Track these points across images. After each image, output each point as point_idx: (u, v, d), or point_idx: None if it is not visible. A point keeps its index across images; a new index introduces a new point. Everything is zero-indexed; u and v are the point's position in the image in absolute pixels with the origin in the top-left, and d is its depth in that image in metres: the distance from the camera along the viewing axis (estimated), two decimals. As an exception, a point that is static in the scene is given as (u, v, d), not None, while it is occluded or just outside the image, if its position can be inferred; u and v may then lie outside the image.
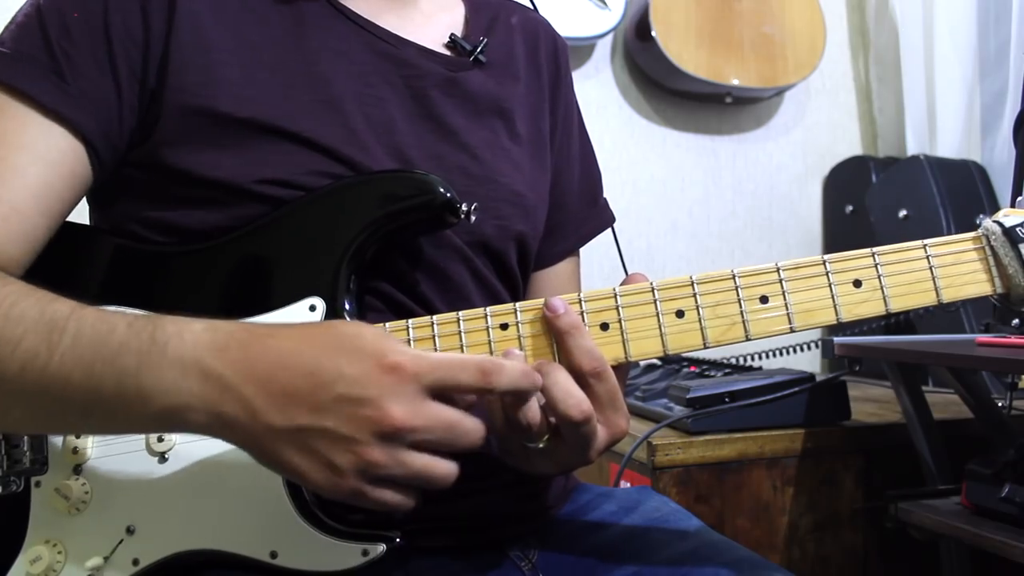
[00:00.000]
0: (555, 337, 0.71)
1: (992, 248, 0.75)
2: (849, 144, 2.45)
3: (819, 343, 1.92)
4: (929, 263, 0.74)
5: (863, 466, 1.46)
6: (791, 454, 1.43)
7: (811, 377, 1.45)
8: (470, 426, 0.63)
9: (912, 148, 2.26)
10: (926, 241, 0.75)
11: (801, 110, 2.41)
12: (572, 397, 0.68)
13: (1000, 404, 1.41)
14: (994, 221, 0.76)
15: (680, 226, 2.29)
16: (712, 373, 1.59)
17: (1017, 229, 0.74)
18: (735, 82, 2.14)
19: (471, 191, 0.83)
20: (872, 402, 1.70)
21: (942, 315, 1.77)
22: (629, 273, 0.77)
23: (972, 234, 0.76)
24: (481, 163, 0.89)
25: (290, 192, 0.79)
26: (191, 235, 0.80)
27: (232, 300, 0.79)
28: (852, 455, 1.46)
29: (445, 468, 0.64)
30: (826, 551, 1.45)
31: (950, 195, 1.97)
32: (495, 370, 0.63)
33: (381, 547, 0.74)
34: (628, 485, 1.34)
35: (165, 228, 0.80)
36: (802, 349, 1.90)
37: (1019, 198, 0.80)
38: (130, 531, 0.75)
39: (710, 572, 0.81)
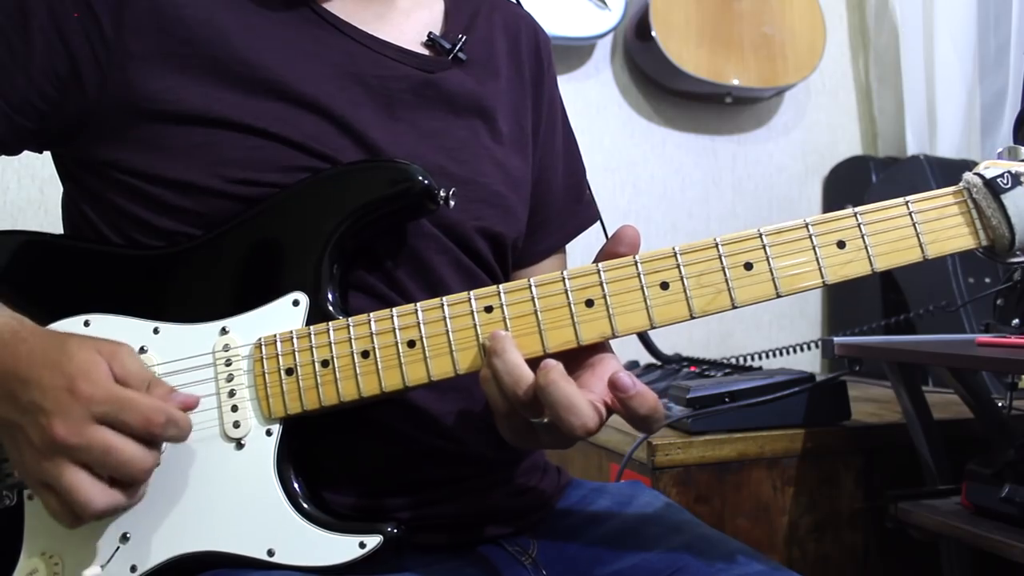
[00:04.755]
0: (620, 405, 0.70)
1: (974, 200, 0.74)
2: (849, 144, 2.44)
3: (819, 343, 1.92)
4: (912, 219, 0.73)
5: (863, 466, 1.46)
6: (791, 454, 1.43)
7: (811, 377, 1.45)
8: (129, 455, 0.68)
9: (912, 148, 2.26)
10: (908, 198, 0.74)
11: (801, 110, 2.41)
12: (576, 415, 0.68)
13: (1000, 404, 1.41)
14: (975, 173, 0.75)
15: (680, 226, 2.29)
16: (712, 373, 1.59)
17: (998, 180, 0.73)
18: (735, 82, 2.14)
19: (458, 195, 0.83)
20: (872, 402, 1.70)
21: (942, 315, 1.77)
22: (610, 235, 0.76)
23: (954, 188, 0.75)
24: (460, 163, 0.88)
25: (262, 190, 0.80)
26: (172, 236, 0.81)
27: (217, 299, 0.79)
28: (852, 455, 1.46)
29: (131, 453, 0.68)
30: (826, 551, 1.45)
31: (950, 195, 1.96)
32: (162, 421, 0.68)
33: (378, 538, 0.74)
34: (628, 485, 1.34)
35: (150, 231, 0.81)
36: (802, 349, 1.90)
37: (999, 150, 0.79)
38: (125, 538, 0.75)
39: (706, 563, 0.82)
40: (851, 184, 2.30)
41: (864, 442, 1.47)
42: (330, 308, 0.78)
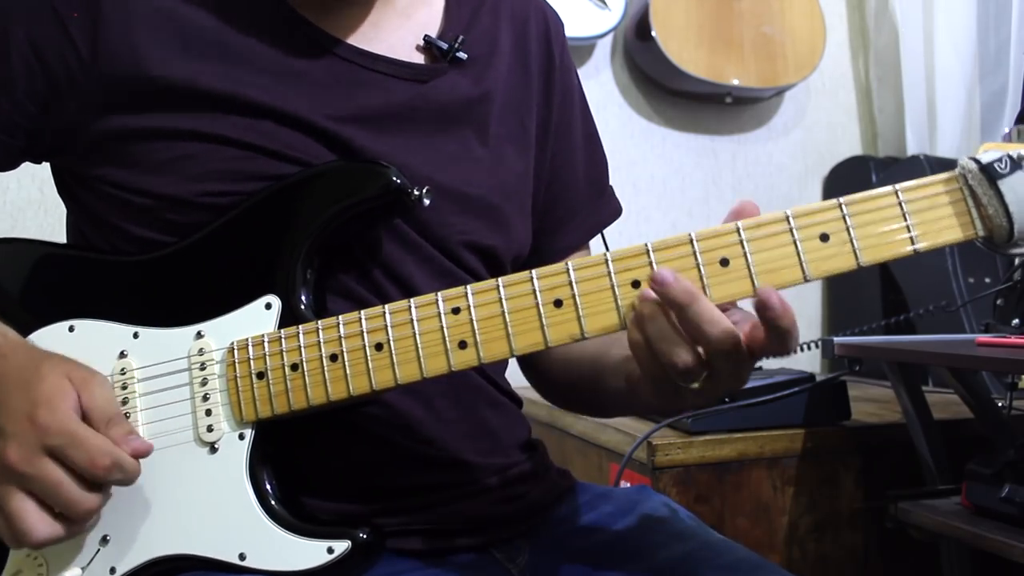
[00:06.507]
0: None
1: (970, 187, 0.67)
2: (849, 144, 2.44)
3: (819, 343, 1.92)
4: (902, 209, 0.67)
5: (863, 466, 1.46)
6: (791, 454, 1.43)
7: (811, 377, 1.45)
8: (73, 495, 0.69)
9: (912, 148, 2.26)
10: (898, 186, 0.68)
11: (801, 110, 2.41)
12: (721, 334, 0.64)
13: (1000, 404, 1.41)
14: (971, 158, 0.67)
15: (680, 226, 2.28)
16: (712, 373, 1.58)
17: (995, 165, 0.66)
18: (735, 82, 2.14)
19: (437, 205, 0.81)
20: (872, 402, 1.70)
21: (942, 315, 1.77)
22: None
23: (947, 174, 0.68)
24: (450, 176, 0.86)
25: (236, 199, 0.80)
26: (149, 243, 0.81)
27: (194, 303, 0.79)
28: (852, 455, 1.46)
29: (74, 493, 0.69)
30: (826, 551, 1.45)
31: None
32: (108, 465, 0.69)
33: (346, 544, 0.73)
34: (628, 485, 1.34)
35: (141, 244, 0.81)
36: (802, 349, 1.90)
37: (1006, 129, 0.72)
38: (105, 541, 0.76)
39: (706, 575, 0.81)
40: (851, 184, 2.30)
41: (864, 442, 1.47)
42: (303, 311, 0.77)
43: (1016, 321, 1.26)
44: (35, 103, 0.81)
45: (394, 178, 0.78)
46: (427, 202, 0.79)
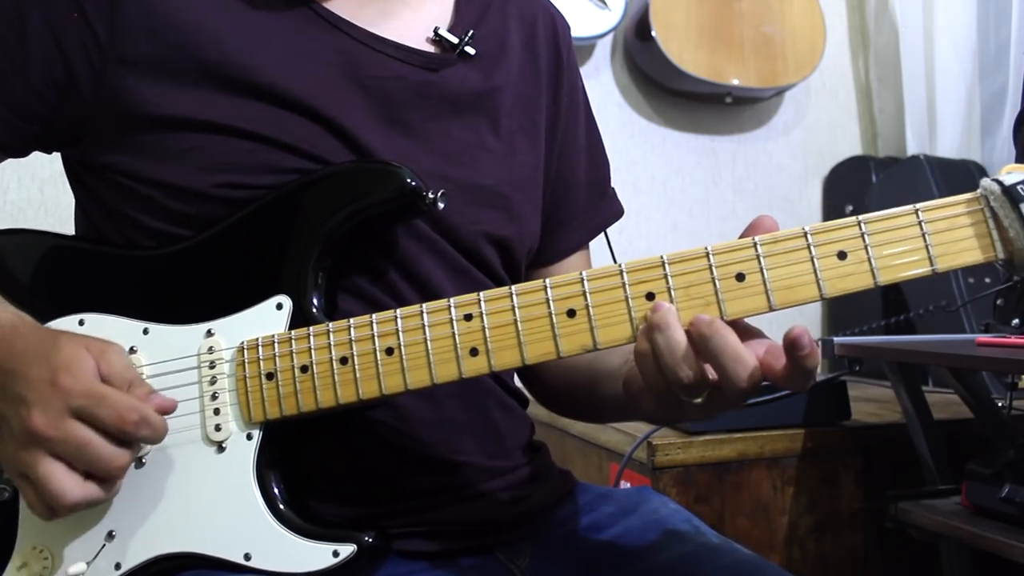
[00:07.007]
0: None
1: (991, 209, 0.66)
2: (849, 144, 2.45)
3: (819, 343, 1.92)
4: (922, 229, 0.66)
5: (863, 466, 1.46)
6: (791, 454, 1.43)
7: (811, 377, 1.45)
8: (103, 451, 0.69)
9: (912, 148, 2.26)
10: (918, 205, 0.67)
11: (801, 110, 2.41)
12: (743, 365, 0.65)
13: (1000, 404, 1.41)
14: (993, 180, 0.67)
15: (680, 226, 2.29)
16: (712, 373, 1.58)
17: (1018, 187, 0.65)
18: (735, 82, 2.14)
19: (450, 196, 0.80)
20: (872, 402, 1.70)
21: (942, 315, 1.77)
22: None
23: (969, 195, 0.67)
24: (461, 167, 0.86)
25: (255, 193, 0.79)
26: (170, 239, 0.81)
27: (204, 300, 0.79)
28: (852, 455, 1.46)
29: (105, 450, 0.69)
30: (826, 551, 1.45)
31: (950, 195, 1.96)
32: (136, 420, 0.69)
33: (351, 548, 0.73)
34: (628, 485, 1.34)
35: (148, 234, 0.81)
36: (802, 349, 1.89)
37: None
38: (111, 536, 0.76)
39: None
40: (851, 184, 2.30)
41: (864, 442, 1.47)
42: (314, 312, 0.77)
43: (1016, 321, 1.26)
44: (52, 90, 0.80)
45: (408, 180, 0.77)
46: (442, 205, 0.78)
